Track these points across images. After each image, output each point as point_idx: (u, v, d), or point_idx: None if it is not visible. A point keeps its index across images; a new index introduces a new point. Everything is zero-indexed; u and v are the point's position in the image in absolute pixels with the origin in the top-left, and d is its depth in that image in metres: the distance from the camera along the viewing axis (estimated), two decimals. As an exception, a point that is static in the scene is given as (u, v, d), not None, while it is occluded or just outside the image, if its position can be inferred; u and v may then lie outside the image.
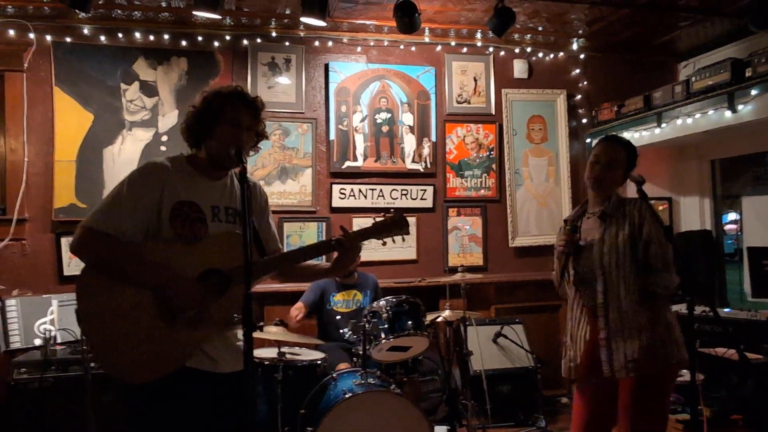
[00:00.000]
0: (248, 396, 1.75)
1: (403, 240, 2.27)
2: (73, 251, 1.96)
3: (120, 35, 4.57)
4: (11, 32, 4.34)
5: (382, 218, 2.22)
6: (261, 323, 1.80)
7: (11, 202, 4.32)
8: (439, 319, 4.03)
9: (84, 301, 1.93)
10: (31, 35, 4.38)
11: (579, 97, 5.55)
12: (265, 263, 2.11)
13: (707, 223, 5.48)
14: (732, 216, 5.54)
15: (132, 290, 1.92)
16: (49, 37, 4.43)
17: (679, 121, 4.62)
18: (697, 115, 4.48)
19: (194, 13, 4.16)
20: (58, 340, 3.90)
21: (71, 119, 4.46)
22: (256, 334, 3.51)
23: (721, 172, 5.55)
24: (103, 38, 4.53)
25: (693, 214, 5.58)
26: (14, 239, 4.32)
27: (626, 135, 4.99)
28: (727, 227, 5.57)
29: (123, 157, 4.54)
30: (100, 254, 1.94)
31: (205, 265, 1.97)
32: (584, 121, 5.54)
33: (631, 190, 2.89)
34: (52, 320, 4.04)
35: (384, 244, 2.20)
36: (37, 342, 3.91)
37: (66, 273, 4.36)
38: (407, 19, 4.13)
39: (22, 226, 4.35)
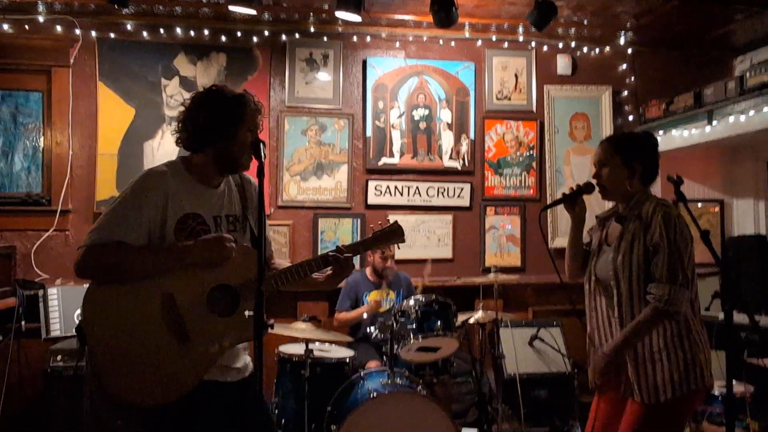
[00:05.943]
0: (260, 401, 1.72)
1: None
2: (78, 272, 1.85)
3: (161, 31, 4.63)
4: (58, 28, 4.47)
5: (380, 229, 2.29)
6: (272, 321, 1.75)
7: (56, 194, 4.45)
8: (470, 321, 3.95)
9: (90, 317, 1.84)
10: (77, 31, 4.49)
11: (625, 93, 5.33)
12: (267, 279, 2.04)
13: (762, 227, 5.20)
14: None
15: (142, 303, 1.85)
16: (94, 33, 4.53)
17: (731, 119, 4.38)
18: (752, 113, 4.23)
19: (230, 8, 4.18)
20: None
21: (114, 113, 4.56)
22: (286, 331, 3.52)
23: (777, 174, 5.26)
24: (145, 34, 4.61)
25: (747, 218, 5.30)
26: (58, 230, 4.44)
27: (674, 133, 4.80)
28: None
29: (162, 151, 4.61)
30: (107, 261, 1.83)
31: (214, 280, 1.93)
32: (630, 118, 5.32)
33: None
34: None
35: (383, 254, 2.17)
36: (76, 331, 4.01)
37: (106, 264, 4.47)
38: (443, 14, 4.05)
39: (65, 217, 4.47)
